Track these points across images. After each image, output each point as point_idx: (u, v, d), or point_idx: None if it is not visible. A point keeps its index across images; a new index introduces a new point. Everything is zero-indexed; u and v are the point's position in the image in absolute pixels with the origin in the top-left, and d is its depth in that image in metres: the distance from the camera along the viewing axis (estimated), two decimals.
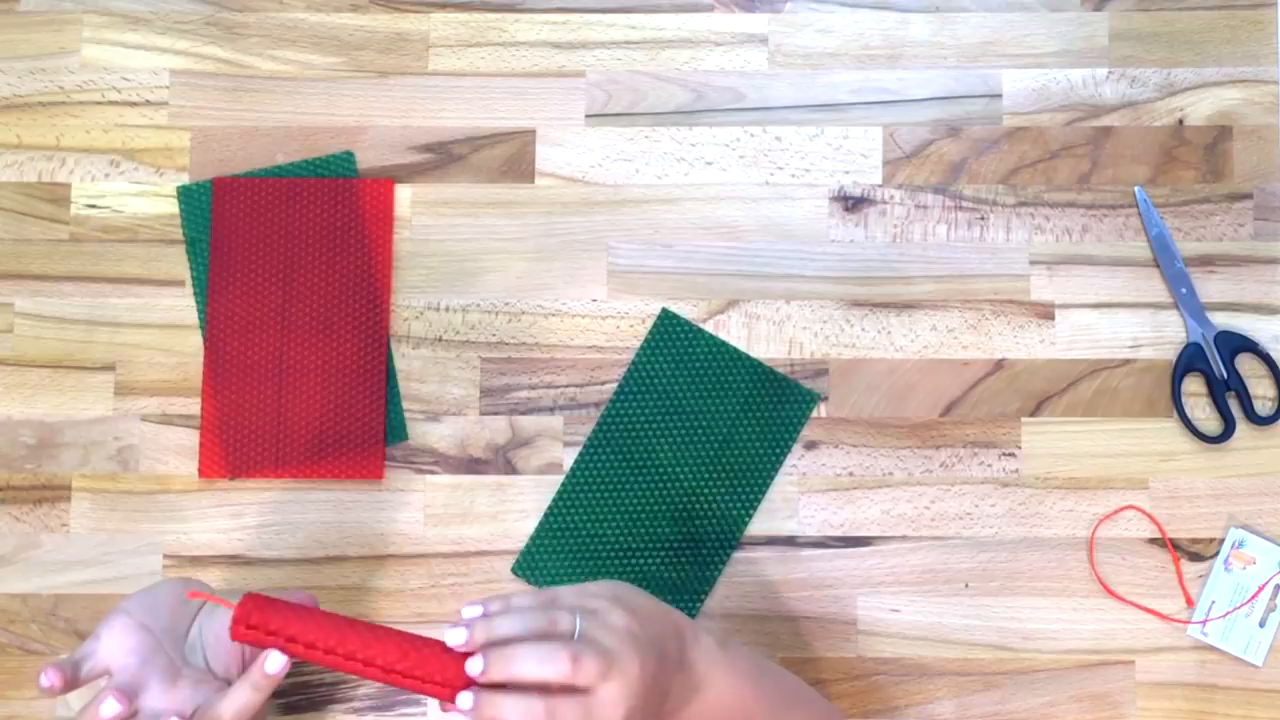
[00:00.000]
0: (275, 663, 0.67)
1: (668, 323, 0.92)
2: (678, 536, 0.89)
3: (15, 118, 0.94)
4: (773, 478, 0.90)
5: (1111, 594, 0.89)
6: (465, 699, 0.61)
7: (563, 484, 0.90)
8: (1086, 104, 0.94)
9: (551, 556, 0.89)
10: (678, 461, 0.90)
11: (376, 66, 0.95)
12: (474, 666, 0.62)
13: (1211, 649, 0.88)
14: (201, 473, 0.90)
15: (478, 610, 0.64)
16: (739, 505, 0.90)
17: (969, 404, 0.91)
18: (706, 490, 0.90)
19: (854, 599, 0.89)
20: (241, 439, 0.90)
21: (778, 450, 0.90)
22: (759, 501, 0.90)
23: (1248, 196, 0.93)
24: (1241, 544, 0.88)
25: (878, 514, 0.90)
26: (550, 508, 0.90)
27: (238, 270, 0.92)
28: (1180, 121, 0.93)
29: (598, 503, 0.90)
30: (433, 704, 0.88)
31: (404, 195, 0.93)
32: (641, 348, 0.92)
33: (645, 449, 0.90)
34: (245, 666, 0.74)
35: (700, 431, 0.90)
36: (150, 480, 0.90)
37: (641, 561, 0.89)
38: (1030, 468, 0.90)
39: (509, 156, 0.94)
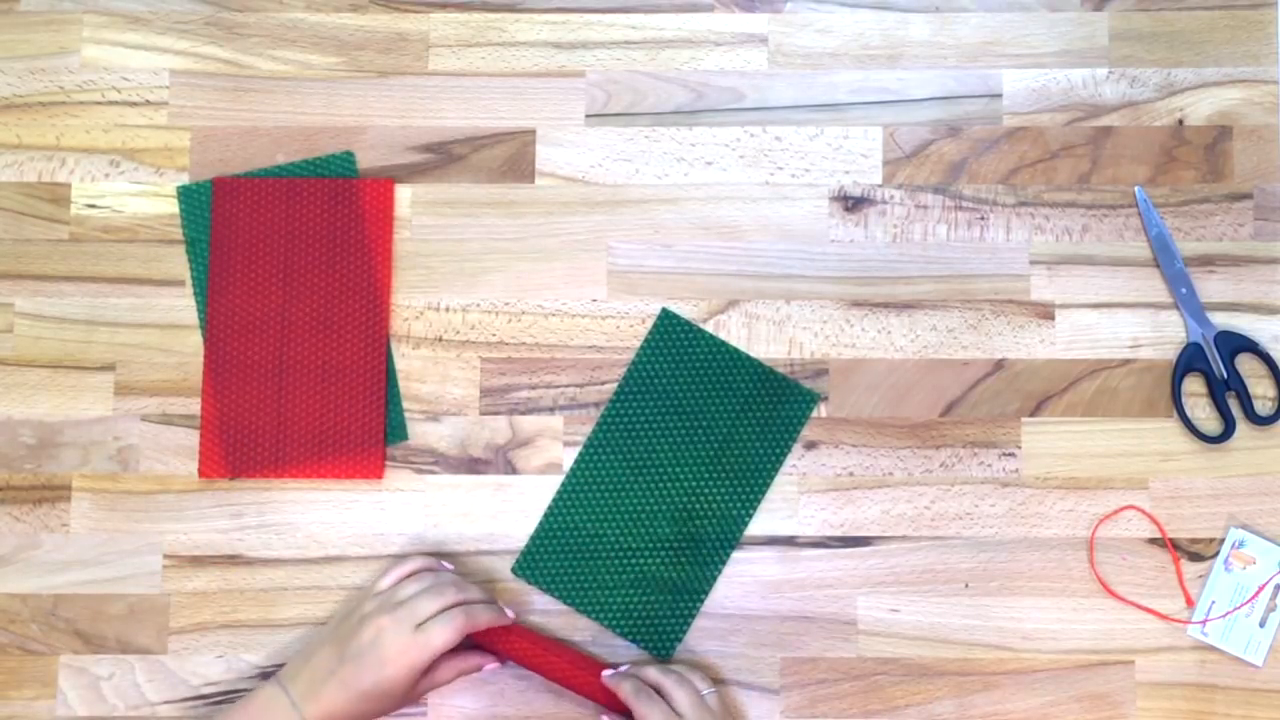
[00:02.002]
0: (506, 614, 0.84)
1: (668, 323, 0.92)
2: (678, 536, 0.89)
3: (15, 118, 0.94)
4: (773, 478, 0.90)
5: (1111, 594, 0.88)
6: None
7: (563, 484, 0.90)
8: (1086, 104, 0.94)
9: (552, 556, 0.89)
10: (678, 461, 0.90)
11: (376, 66, 0.95)
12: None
13: (1211, 649, 0.88)
14: (201, 473, 0.90)
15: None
16: (739, 505, 0.90)
17: (969, 404, 0.91)
18: (706, 490, 0.90)
19: (854, 599, 0.89)
20: (241, 439, 0.90)
21: (778, 450, 0.90)
22: (759, 501, 0.90)
23: (1248, 196, 0.93)
24: (1241, 544, 0.88)
25: (878, 514, 0.90)
26: (550, 508, 0.90)
27: (238, 270, 0.92)
28: (1180, 121, 0.93)
29: (598, 503, 0.90)
30: (432, 706, 0.88)
31: (404, 195, 0.93)
32: (641, 348, 0.92)
33: (645, 449, 0.90)
34: None
35: (700, 431, 0.90)
36: (150, 480, 0.90)
37: (641, 561, 0.89)
38: (1030, 468, 0.90)
39: (509, 156, 0.94)
